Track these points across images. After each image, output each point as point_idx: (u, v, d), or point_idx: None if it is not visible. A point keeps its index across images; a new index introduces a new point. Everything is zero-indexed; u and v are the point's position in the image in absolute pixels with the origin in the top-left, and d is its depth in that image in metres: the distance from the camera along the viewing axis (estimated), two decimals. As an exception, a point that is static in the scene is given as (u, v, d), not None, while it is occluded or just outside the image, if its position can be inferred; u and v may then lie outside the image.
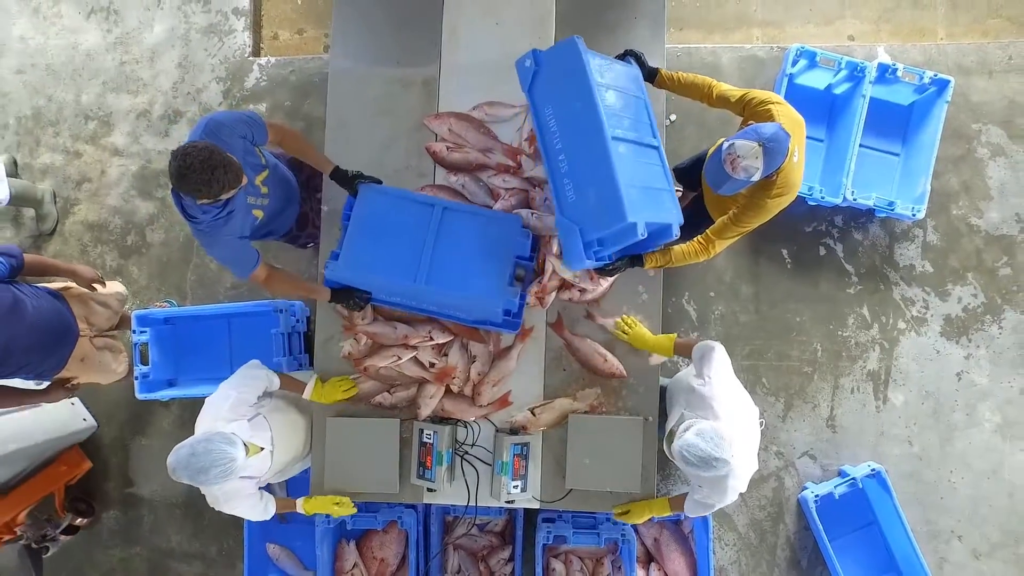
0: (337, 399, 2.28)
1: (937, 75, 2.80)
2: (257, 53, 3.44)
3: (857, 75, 2.81)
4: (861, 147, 2.81)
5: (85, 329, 2.43)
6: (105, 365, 2.56)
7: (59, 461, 3.07)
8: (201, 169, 1.71)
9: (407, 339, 2.26)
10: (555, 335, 2.33)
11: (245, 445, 1.91)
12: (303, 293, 2.54)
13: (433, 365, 2.29)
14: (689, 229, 2.10)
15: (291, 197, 2.35)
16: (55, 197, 3.41)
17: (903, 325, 3.02)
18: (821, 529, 2.82)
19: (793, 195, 1.92)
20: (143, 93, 3.42)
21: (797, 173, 1.89)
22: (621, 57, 2.10)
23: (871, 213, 2.98)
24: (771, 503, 3.06)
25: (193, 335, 3.00)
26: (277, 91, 3.34)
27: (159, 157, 3.38)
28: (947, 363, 3.00)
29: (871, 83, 2.78)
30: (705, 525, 2.74)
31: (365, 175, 2.16)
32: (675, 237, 2.03)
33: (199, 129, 1.89)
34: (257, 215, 2.10)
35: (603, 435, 2.24)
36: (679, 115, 3.11)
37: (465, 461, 2.30)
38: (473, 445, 2.31)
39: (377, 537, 2.68)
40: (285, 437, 2.18)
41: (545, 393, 2.32)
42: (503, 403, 2.31)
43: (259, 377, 2.11)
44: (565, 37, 1.94)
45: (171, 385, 2.97)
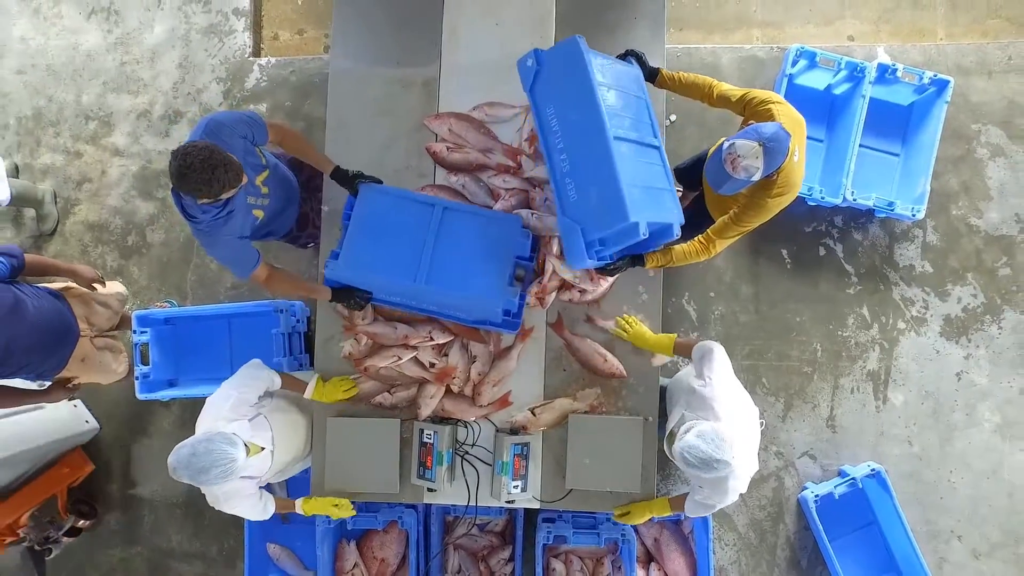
0: (338, 399, 2.28)
1: (937, 75, 2.80)
2: (257, 53, 3.44)
3: (857, 75, 2.82)
4: (861, 147, 2.81)
5: (86, 329, 2.43)
6: (106, 365, 2.56)
7: (62, 463, 3.06)
8: (201, 168, 1.71)
9: (407, 339, 2.26)
10: (555, 335, 2.33)
11: (246, 445, 1.91)
12: (304, 293, 2.53)
13: (433, 365, 2.29)
14: (690, 229, 2.10)
15: (291, 197, 2.35)
16: (56, 197, 3.41)
17: (903, 325, 3.02)
18: (821, 529, 2.82)
19: (794, 194, 1.92)
20: (143, 93, 3.42)
21: (798, 172, 1.89)
22: (622, 57, 2.10)
23: (871, 213, 2.98)
24: (771, 503, 3.06)
25: (193, 335, 3.00)
26: (277, 91, 3.34)
27: (159, 157, 3.38)
28: (947, 363, 3.00)
29: (871, 83, 2.78)
30: (705, 525, 2.74)
31: (366, 175, 2.16)
32: (676, 237, 2.03)
33: (199, 129, 1.90)
34: (257, 215, 2.10)
35: (603, 435, 2.24)
36: (679, 115, 3.11)
37: (465, 461, 2.31)
38: (473, 445, 2.32)
39: (377, 537, 2.68)
40: (286, 437, 2.18)
41: (545, 393, 2.32)
42: (503, 403, 2.31)
43: (260, 377, 2.11)
44: (565, 37, 1.94)
45: (171, 385, 2.97)
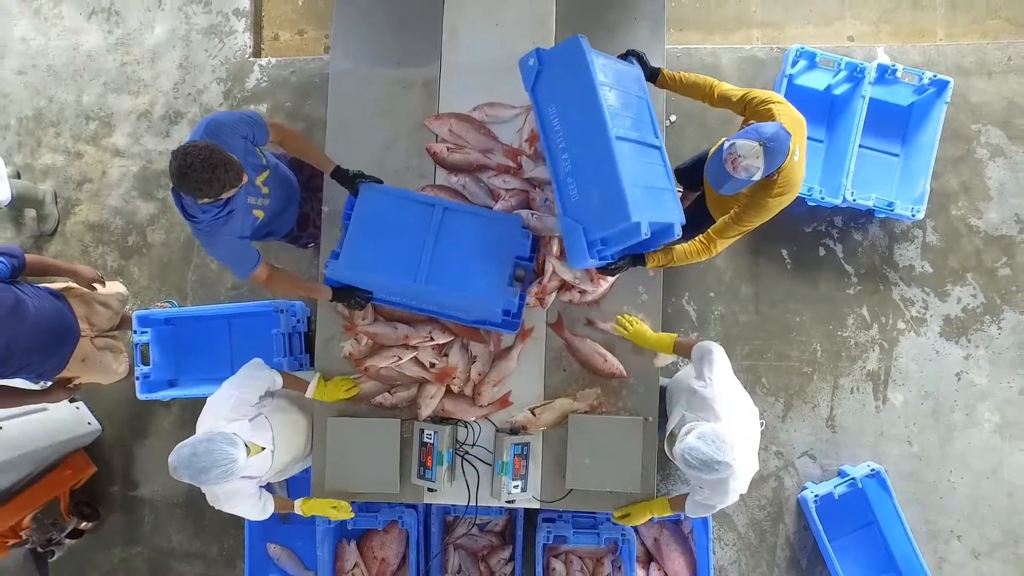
0: (339, 398, 2.28)
1: (936, 76, 2.81)
2: (258, 54, 3.44)
3: (857, 76, 2.82)
4: (861, 148, 2.82)
5: (86, 329, 2.43)
6: (106, 365, 2.56)
7: (64, 465, 3.07)
8: (202, 168, 1.72)
9: (407, 339, 2.26)
10: (555, 335, 2.33)
11: (246, 445, 1.91)
12: (304, 293, 2.53)
13: (433, 365, 2.29)
14: (691, 229, 2.10)
15: (292, 197, 2.35)
16: (56, 198, 3.42)
17: (903, 325, 3.03)
18: (821, 529, 2.82)
19: (794, 194, 1.92)
20: (144, 94, 3.42)
21: (798, 172, 1.89)
22: (623, 57, 2.11)
23: (871, 213, 2.98)
24: (771, 503, 3.06)
25: (194, 335, 3.00)
26: (278, 92, 3.34)
27: (160, 158, 3.38)
28: (946, 363, 3.00)
29: (871, 84, 2.78)
30: (705, 525, 2.75)
31: (366, 175, 2.16)
32: (677, 237, 2.03)
33: (200, 129, 1.90)
34: (258, 215, 2.11)
35: (603, 435, 2.24)
36: (679, 115, 3.11)
37: (465, 461, 2.31)
38: (473, 445, 2.32)
39: (378, 537, 2.68)
40: (286, 437, 2.19)
41: (545, 393, 2.32)
42: (503, 403, 2.31)
43: (261, 377, 2.11)
44: (565, 37, 1.94)
45: (172, 385, 2.98)
